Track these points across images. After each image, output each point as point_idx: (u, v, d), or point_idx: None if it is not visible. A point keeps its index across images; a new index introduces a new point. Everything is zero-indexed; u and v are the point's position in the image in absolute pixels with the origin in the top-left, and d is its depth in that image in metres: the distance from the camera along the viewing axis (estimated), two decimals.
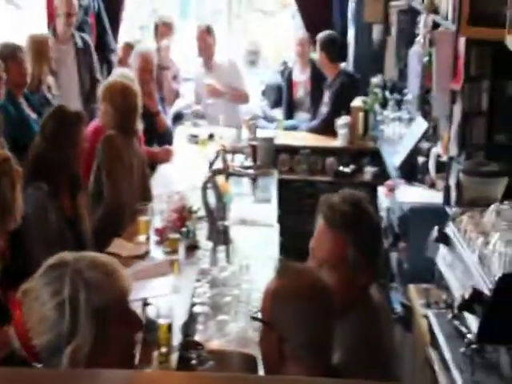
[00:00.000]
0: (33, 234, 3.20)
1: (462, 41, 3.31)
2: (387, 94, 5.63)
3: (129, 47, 5.90)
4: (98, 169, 3.90)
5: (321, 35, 5.85)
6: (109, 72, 5.94)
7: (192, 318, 2.75)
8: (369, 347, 1.88)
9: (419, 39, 4.41)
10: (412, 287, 3.29)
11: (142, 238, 3.64)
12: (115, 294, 1.56)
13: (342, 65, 6.05)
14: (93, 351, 1.49)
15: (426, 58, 4.09)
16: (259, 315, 1.73)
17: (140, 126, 4.12)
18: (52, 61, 5.05)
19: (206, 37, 5.99)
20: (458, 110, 3.35)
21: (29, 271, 3.12)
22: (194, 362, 2.36)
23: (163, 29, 6.17)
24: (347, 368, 1.75)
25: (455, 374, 2.43)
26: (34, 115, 4.55)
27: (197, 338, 2.61)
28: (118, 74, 4.75)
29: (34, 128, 4.23)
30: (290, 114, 6.18)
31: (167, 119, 5.45)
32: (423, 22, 4.24)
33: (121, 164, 3.91)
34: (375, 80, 5.85)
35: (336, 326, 1.70)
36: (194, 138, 5.45)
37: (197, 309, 2.77)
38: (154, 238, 3.67)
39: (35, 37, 5.00)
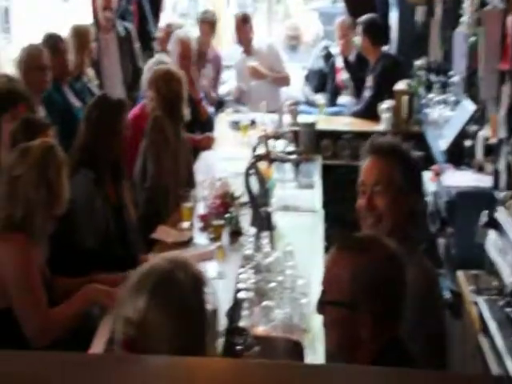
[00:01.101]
0: (79, 220, 3.23)
1: (511, 19, 3.20)
2: (432, 76, 5.51)
3: (169, 28, 5.89)
4: (145, 151, 3.93)
5: (362, 19, 5.77)
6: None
7: (237, 304, 2.74)
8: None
9: (465, 19, 4.30)
10: (461, 273, 3.23)
11: (185, 224, 3.64)
12: None
13: (385, 48, 5.95)
14: None
15: (472, 39, 3.98)
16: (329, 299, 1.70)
17: (186, 111, 4.12)
18: (93, 51, 5.09)
19: (243, 25, 5.97)
20: (506, 91, 3.25)
21: (74, 258, 3.18)
22: (239, 347, 2.35)
23: (205, 27, 6.13)
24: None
25: (507, 361, 2.37)
26: (78, 103, 4.60)
27: (242, 323, 2.60)
28: (155, 60, 4.73)
29: (78, 116, 4.27)
30: (333, 99, 6.12)
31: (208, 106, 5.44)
32: (469, 1, 4.13)
33: (167, 145, 3.93)
34: (419, 63, 5.74)
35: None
36: (235, 125, 5.44)
37: (241, 295, 2.75)
38: (197, 224, 3.67)
39: (77, 27, 5.05)
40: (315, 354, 2.45)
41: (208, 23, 6.12)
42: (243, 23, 5.97)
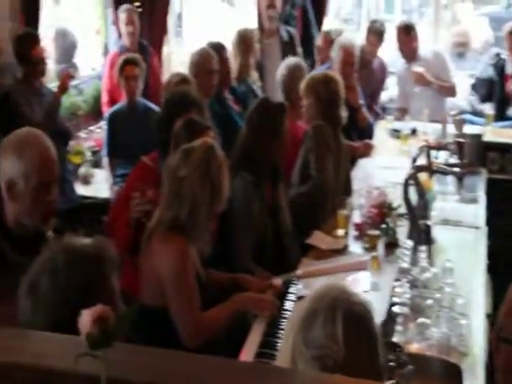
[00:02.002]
0: (237, 222, 3.29)
1: None
2: None
3: (328, 36, 5.85)
4: (305, 157, 3.92)
5: None
6: (313, 64, 5.96)
7: (391, 318, 2.65)
8: None
9: None
10: None
11: (340, 232, 3.60)
12: None
13: None
14: None
15: None
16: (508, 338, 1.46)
17: (344, 114, 4.07)
18: (256, 54, 5.19)
19: (405, 36, 5.80)
20: None
21: (229, 258, 3.24)
22: (392, 364, 2.26)
23: (373, 37, 6.03)
24: None
25: None
26: (236, 108, 4.69)
27: (395, 339, 2.51)
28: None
29: (238, 122, 4.35)
30: (501, 110, 5.79)
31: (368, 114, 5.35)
32: None
33: (329, 152, 3.91)
34: None
35: None
36: (395, 133, 5.30)
37: (396, 309, 2.66)
38: (352, 232, 3.61)
39: (242, 31, 5.17)
40: (475, 379, 2.30)
41: (376, 33, 6.01)
42: (405, 34, 5.80)
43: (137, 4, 5.83)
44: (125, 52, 5.28)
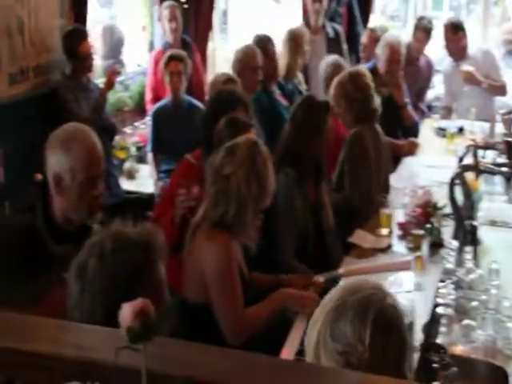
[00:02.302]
0: (280, 219, 3.27)
1: None
2: None
3: (373, 33, 5.78)
4: (342, 165, 3.89)
5: None
6: (358, 61, 5.91)
7: (434, 319, 2.60)
8: None
9: None
10: None
11: (384, 231, 3.55)
12: None
13: None
14: None
15: None
16: None
17: (377, 101, 4.00)
18: (306, 56, 5.16)
19: (452, 35, 5.68)
20: None
21: (273, 255, 3.23)
22: (435, 365, 2.22)
23: (420, 34, 5.92)
24: None
25: None
26: (285, 102, 4.68)
27: (439, 340, 2.46)
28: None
29: (284, 116, 4.34)
30: None
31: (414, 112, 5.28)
32: None
33: (367, 162, 3.87)
34: None
35: None
36: (441, 132, 5.22)
37: (440, 310, 2.61)
38: (396, 231, 3.57)
39: (293, 30, 5.16)
40: None
41: (424, 30, 5.90)
42: (453, 33, 5.68)
43: (182, 0, 5.86)
44: (168, 49, 5.32)
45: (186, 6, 5.88)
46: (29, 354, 1.20)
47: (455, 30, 5.67)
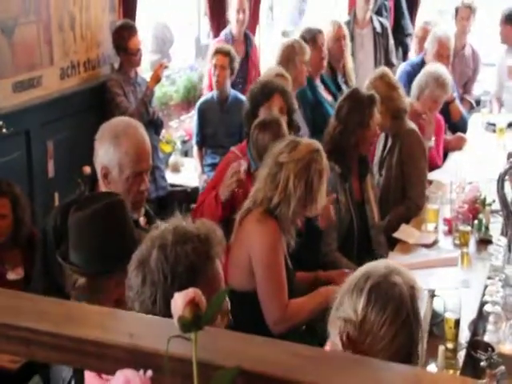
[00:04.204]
0: None
1: None
2: None
3: (427, 26, 5.70)
4: (398, 169, 3.86)
5: None
6: (404, 55, 5.84)
7: (482, 317, 2.58)
8: None
9: None
10: None
11: (430, 226, 3.52)
12: None
13: None
14: None
15: None
16: None
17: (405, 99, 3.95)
18: (349, 47, 5.12)
19: (507, 25, 5.56)
20: None
21: (313, 254, 3.22)
22: (482, 363, 2.20)
23: (464, 12, 5.84)
24: None
25: None
26: (329, 98, 4.66)
27: (486, 338, 2.43)
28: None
29: (329, 111, 4.33)
30: None
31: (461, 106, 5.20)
32: None
33: (425, 157, 3.85)
34: None
35: None
36: (491, 126, 5.13)
37: (487, 308, 2.58)
38: (442, 227, 3.52)
39: (336, 22, 5.13)
40: None
41: (467, 7, 5.76)
42: (507, 23, 5.57)
43: None
44: (230, 40, 5.30)
45: None
46: (83, 340, 1.22)
47: (510, 20, 5.55)
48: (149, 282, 1.52)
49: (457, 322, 2.48)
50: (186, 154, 5.56)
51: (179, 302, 1.08)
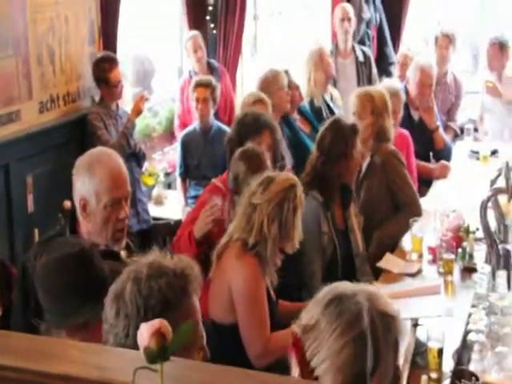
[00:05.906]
0: (307, 244, 3.23)
1: None
2: None
3: (409, 53, 5.75)
4: (383, 185, 3.86)
5: None
6: None
7: (466, 346, 2.54)
8: None
9: None
10: None
11: (414, 255, 3.49)
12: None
13: None
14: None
15: None
16: None
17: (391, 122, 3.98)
18: (330, 68, 5.14)
19: (497, 53, 5.62)
20: None
21: (299, 280, 3.18)
22: None
23: (442, 41, 5.89)
24: None
25: None
26: (306, 128, 4.66)
27: (471, 367, 2.39)
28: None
29: (308, 146, 4.26)
30: None
31: (445, 135, 5.21)
32: None
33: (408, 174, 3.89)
34: None
35: None
36: (474, 154, 5.15)
37: (472, 336, 2.54)
38: (427, 256, 3.50)
39: (314, 48, 5.17)
40: None
41: (446, 36, 5.81)
42: (498, 50, 5.60)
43: (211, 26, 5.92)
44: (193, 75, 5.36)
45: (214, 31, 5.93)
46: (52, 376, 1.20)
47: (501, 49, 5.60)
48: (122, 315, 1.52)
49: (440, 351, 2.44)
50: (169, 186, 5.53)
51: (144, 333, 1.05)
